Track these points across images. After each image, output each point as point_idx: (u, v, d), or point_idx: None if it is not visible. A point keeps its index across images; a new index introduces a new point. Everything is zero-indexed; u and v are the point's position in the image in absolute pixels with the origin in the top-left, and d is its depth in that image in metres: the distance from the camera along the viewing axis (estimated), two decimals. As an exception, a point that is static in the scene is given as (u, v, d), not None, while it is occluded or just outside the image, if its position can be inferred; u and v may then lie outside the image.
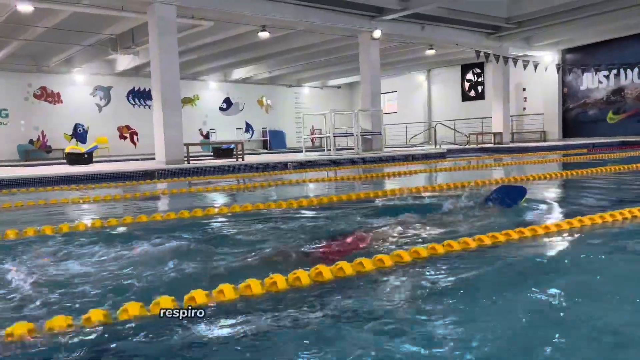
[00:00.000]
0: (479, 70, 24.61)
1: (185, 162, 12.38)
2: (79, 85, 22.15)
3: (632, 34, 18.58)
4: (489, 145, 18.97)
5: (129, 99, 23.60)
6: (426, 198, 5.57)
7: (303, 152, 15.24)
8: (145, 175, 10.49)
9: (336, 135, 14.95)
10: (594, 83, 20.85)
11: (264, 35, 15.05)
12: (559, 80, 21.47)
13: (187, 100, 25.36)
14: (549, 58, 20.99)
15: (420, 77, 27.38)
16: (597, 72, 20.63)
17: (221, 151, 15.84)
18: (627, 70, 19.88)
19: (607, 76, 20.42)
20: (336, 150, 15.92)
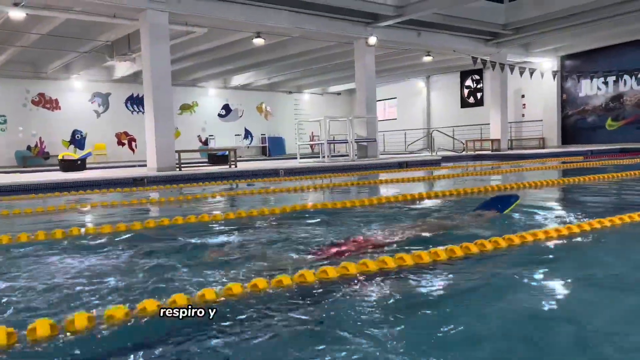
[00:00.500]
0: (478, 77, 24.52)
1: (176, 169, 12.33)
2: (77, 91, 22.19)
3: (632, 40, 18.44)
4: (486, 152, 18.86)
5: (127, 106, 23.63)
6: (413, 206, 5.48)
7: (297, 159, 15.18)
8: (134, 182, 10.44)
9: (330, 142, 14.88)
10: (593, 89, 20.71)
11: (258, 42, 15.03)
12: (558, 86, 21.35)
13: (186, 107, 25.41)
14: (547, 64, 20.90)
15: (419, 84, 27.32)
16: (597, 79, 20.50)
17: (216, 157, 15.85)
18: (626, 76, 19.73)
19: (606, 83, 20.28)
20: (333, 157, 15.86)
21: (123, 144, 23.75)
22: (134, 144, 23.70)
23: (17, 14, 11.69)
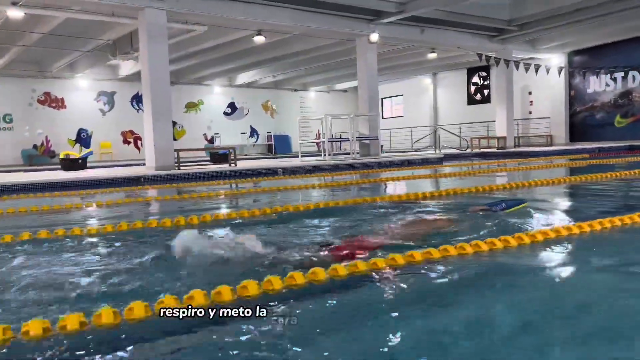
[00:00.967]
0: (484, 74, 24.27)
1: (175, 168, 12.30)
2: (82, 90, 22.29)
3: (640, 35, 18.15)
4: (490, 150, 18.62)
5: (132, 104, 23.68)
6: (405, 206, 5.36)
7: (299, 157, 15.09)
8: (131, 181, 10.41)
9: (331, 140, 14.77)
10: (601, 86, 20.39)
11: (259, 39, 14.94)
12: (566, 83, 21.05)
13: (192, 105, 25.43)
14: (555, 61, 20.59)
15: (426, 81, 27.10)
16: (605, 75, 20.16)
17: (218, 156, 15.83)
18: (635, 72, 19.39)
19: (615, 79, 19.95)
20: (335, 155, 15.76)
21: (129, 143, 23.82)
22: (139, 142, 23.75)
23: (16, 14, 11.70)
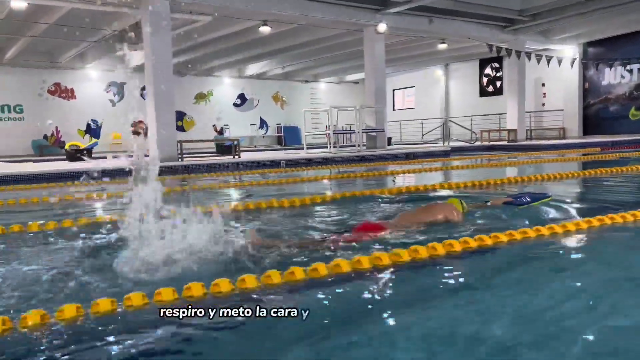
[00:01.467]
0: (497, 65, 23.84)
1: (178, 159, 12.26)
2: (92, 81, 22.36)
3: (657, 25, 17.63)
4: (500, 143, 18.30)
5: (142, 95, 23.66)
6: (404, 199, 5.23)
7: (304, 149, 14.97)
8: (130, 172, 10.35)
9: (336, 132, 14.61)
10: (616, 78, 19.90)
11: (265, 30, 14.81)
12: (580, 75, 20.58)
13: (201, 96, 25.40)
14: (569, 52, 20.12)
15: (438, 72, 26.72)
16: (620, 67, 19.66)
17: (224, 147, 15.82)
18: (651, 64, 18.91)
19: (630, 70, 19.45)
20: (341, 147, 15.61)
21: (139, 133, 23.82)
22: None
23: (19, 4, 11.70)
